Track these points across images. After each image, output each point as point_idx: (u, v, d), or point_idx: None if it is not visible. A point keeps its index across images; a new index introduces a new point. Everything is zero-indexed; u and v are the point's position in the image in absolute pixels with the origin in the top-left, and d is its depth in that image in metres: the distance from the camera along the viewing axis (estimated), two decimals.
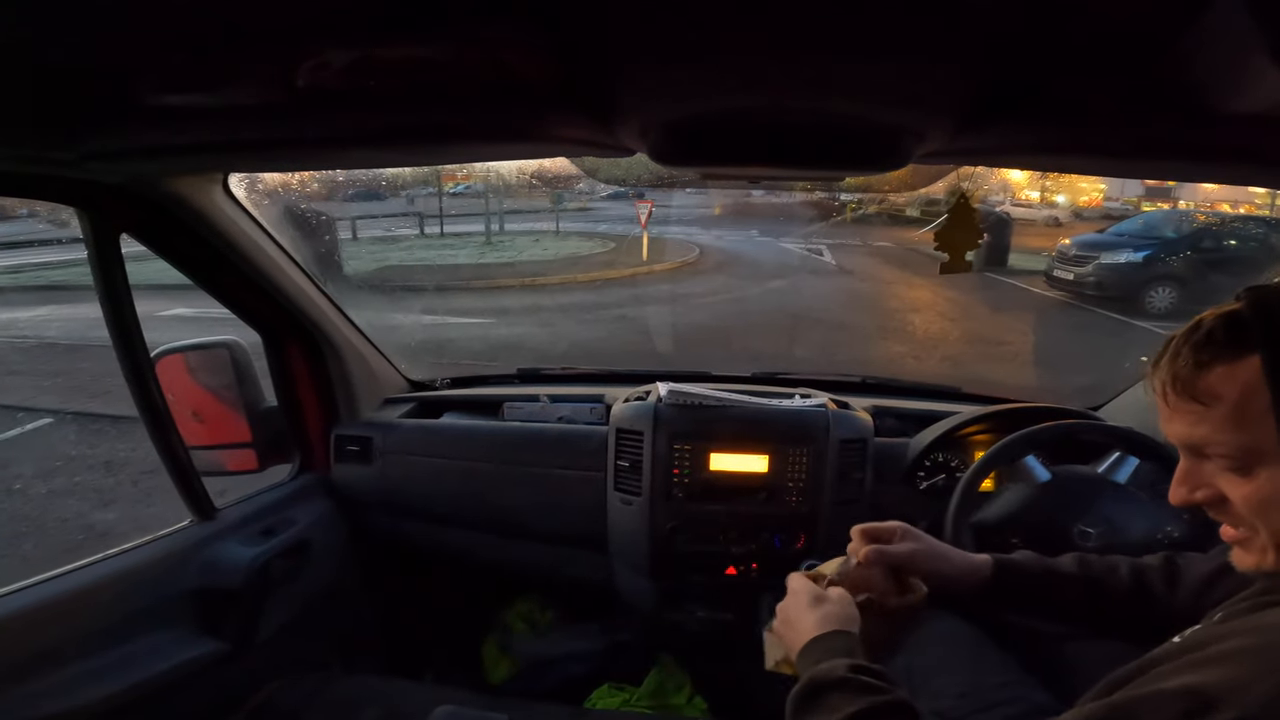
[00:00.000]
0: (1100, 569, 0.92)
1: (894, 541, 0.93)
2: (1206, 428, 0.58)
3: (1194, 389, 0.58)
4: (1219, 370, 0.57)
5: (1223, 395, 0.56)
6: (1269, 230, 8.54)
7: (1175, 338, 0.61)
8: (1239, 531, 0.61)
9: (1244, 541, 0.61)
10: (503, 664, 1.80)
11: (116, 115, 0.70)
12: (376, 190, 13.75)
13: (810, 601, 0.84)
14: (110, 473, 3.93)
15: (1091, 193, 17.47)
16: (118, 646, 1.07)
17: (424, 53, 0.54)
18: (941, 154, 0.79)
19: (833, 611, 0.81)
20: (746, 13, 0.46)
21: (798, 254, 11.52)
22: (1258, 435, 0.55)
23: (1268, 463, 0.55)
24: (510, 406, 1.74)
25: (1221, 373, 0.56)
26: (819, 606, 0.83)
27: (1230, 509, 0.60)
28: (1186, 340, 0.59)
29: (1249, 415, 0.55)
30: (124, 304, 1.11)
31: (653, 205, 11.03)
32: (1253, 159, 0.68)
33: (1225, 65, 0.43)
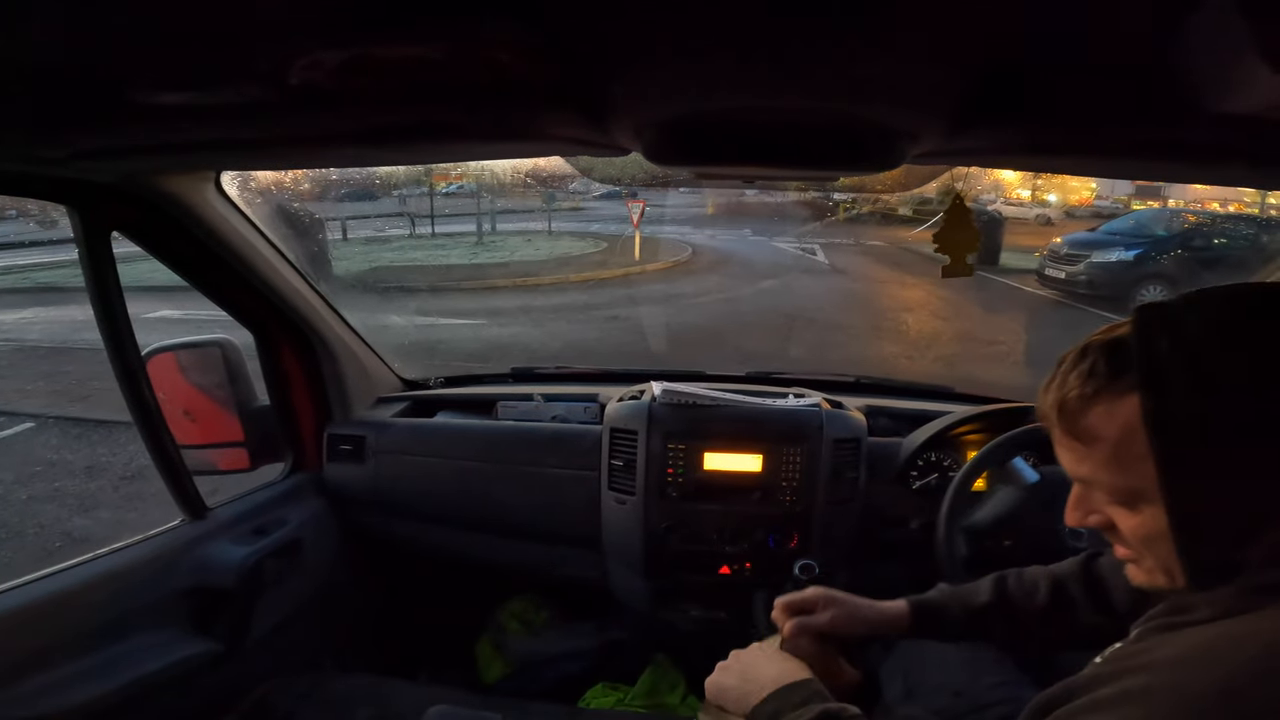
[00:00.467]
0: (1018, 593, 0.92)
1: (816, 612, 0.93)
2: (1088, 466, 0.58)
3: (1075, 427, 0.57)
4: (1099, 409, 0.55)
5: (1103, 436, 0.56)
6: (1259, 229, 8.62)
7: (1064, 362, 0.59)
8: (1130, 553, 0.61)
9: (1135, 561, 0.61)
10: (497, 663, 1.80)
11: (107, 113, 0.69)
12: (369, 190, 13.72)
13: (775, 653, 0.86)
14: (91, 478, 3.91)
15: (1082, 191, 17.59)
16: (109, 646, 1.06)
17: (417, 52, 0.54)
18: (935, 154, 0.79)
19: (798, 666, 0.83)
20: (741, 12, 0.46)
21: (791, 253, 11.55)
22: (1138, 476, 0.54)
23: (1150, 501, 0.54)
24: (504, 406, 1.74)
25: (1101, 411, 0.55)
26: (784, 660, 0.84)
27: (1119, 535, 0.60)
28: (1073, 368, 0.58)
29: (1129, 457, 0.54)
30: (115, 302, 1.10)
31: (645, 205, 11.04)
32: (1243, 159, 0.68)
33: (1216, 65, 0.43)
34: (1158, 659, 0.51)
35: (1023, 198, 16.68)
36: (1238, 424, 0.49)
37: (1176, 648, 0.51)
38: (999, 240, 10.23)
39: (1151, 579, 0.59)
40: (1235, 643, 0.48)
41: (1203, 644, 0.50)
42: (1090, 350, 0.57)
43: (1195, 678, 0.47)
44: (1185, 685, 0.47)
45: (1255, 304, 0.52)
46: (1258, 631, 0.48)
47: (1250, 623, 0.49)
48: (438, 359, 5.44)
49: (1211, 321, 0.51)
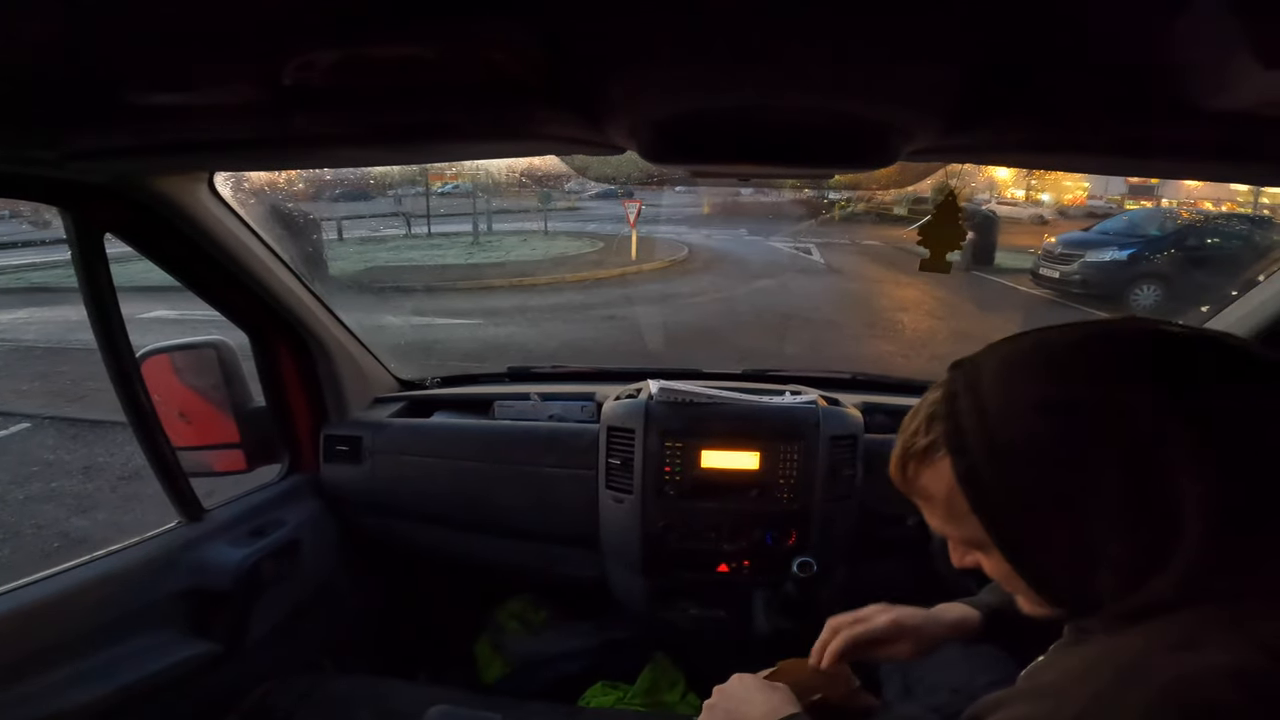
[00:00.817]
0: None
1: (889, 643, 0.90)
2: (936, 521, 0.60)
3: (911, 488, 0.60)
4: (926, 471, 0.57)
5: (934, 495, 0.58)
6: (1252, 227, 8.66)
7: (903, 426, 0.61)
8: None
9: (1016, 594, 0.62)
10: (496, 663, 1.80)
11: (100, 114, 0.69)
12: (363, 190, 13.69)
13: (759, 688, 0.85)
14: (89, 478, 3.90)
15: (1076, 191, 17.66)
16: (107, 649, 1.06)
17: (411, 51, 0.54)
18: (930, 151, 0.79)
19: (786, 698, 0.82)
20: (736, 11, 0.46)
21: (786, 253, 11.56)
22: (972, 529, 0.55)
23: (988, 550, 0.56)
24: (501, 405, 1.73)
25: (928, 474, 0.57)
26: (770, 693, 0.83)
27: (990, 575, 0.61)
28: (905, 430, 0.60)
29: (957, 513, 0.55)
30: (108, 304, 1.10)
31: (641, 204, 11.03)
32: (1237, 156, 0.69)
33: (1210, 63, 0.44)
34: (1041, 683, 0.53)
35: (1017, 197, 16.75)
36: (1031, 481, 0.50)
37: (1056, 671, 0.53)
38: (994, 239, 10.27)
39: (1034, 609, 0.59)
40: (1091, 668, 0.48)
41: (1071, 670, 0.51)
42: (919, 411, 0.59)
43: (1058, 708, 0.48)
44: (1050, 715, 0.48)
45: (1035, 360, 0.52)
46: (1113, 656, 0.48)
47: (1115, 643, 0.49)
48: (434, 359, 5.44)
49: (997, 380, 0.52)
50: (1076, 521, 0.48)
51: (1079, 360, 0.50)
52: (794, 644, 1.57)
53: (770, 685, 0.85)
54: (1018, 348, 0.54)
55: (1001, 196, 16.38)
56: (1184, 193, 14.31)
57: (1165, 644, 0.45)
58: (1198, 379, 0.48)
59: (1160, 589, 0.47)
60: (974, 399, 0.53)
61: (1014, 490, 0.51)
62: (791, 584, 1.36)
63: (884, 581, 1.54)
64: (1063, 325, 0.54)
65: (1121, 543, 0.47)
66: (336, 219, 11.68)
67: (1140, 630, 0.48)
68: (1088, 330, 0.52)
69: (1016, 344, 0.54)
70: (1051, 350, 0.52)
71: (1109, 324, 0.53)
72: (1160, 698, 0.43)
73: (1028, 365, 0.52)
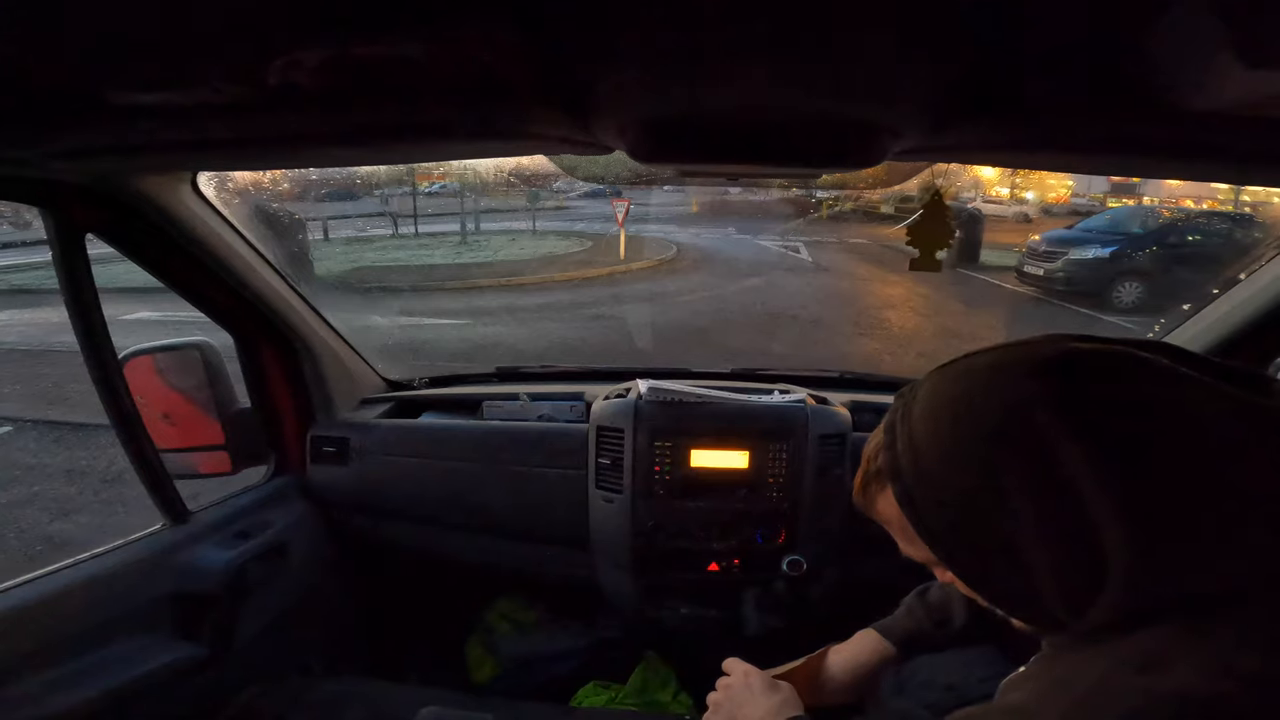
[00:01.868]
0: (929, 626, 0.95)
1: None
2: (897, 541, 0.62)
3: (870, 510, 0.64)
4: (881, 496, 0.60)
5: (888, 518, 0.61)
6: (1232, 225, 8.78)
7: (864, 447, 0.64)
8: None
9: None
10: (487, 664, 1.79)
11: (81, 114, 0.68)
12: (350, 189, 13.60)
13: (764, 688, 0.85)
14: (71, 482, 3.86)
15: (1059, 189, 17.83)
16: (91, 653, 1.05)
17: (398, 51, 0.54)
18: (916, 151, 0.80)
19: (788, 699, 0.83)
20: (724, 12, 0.47)
21: (775, 251, 11.60)
22: (923, 551, 0.57)
23: (942, 568, 0.57)
24: (490, 405, 1.73)
25: (881, 499, 0.61)
26: (773, 693, 0.84)
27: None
28: (864, 454, 0.63)
29: (909, 535, 0.57)
30: (90, 305, 1.08)
31: (630, 203, 11.05)
32: (1218, 155, 0.70)
33: (1191, 64, 0.44)
34: (1010, 703, 0.54)
35: (1001, 195, 16.88)
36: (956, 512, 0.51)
37: (1025, 691, 0.53)
38: (979, 238, 10.36)
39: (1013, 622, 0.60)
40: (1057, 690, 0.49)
41: (1039, 690, 0.51)
42: (875, 437, 0.61)
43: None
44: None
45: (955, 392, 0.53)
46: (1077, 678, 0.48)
47: (1078, 665, 0.49)
48: (422, 359, 5.42)
49: (923, 413, 0.54)
50: (1006, 548, 0.49)
51: (992, 390, 0.50)
52: (785, 642, 1.58)
53: (775, 684, 0.85)
54: (944, 377, 0.55)
55: (987, 195, 16.51)
56: (1165, 191, 14.49)
57: (1129, 667, 0.45)
58: (1089, 393, 0.47)
59: (1110, 605, 0.46)
60: (907, 429, 0.55)
61: (945, 519, 0.52)
62: (782, 582, 1.37)
63: (873, 579, 1.55)
64: (986, 349, 0.55)
65: (1051, 564, 0.48)
66: (322, 219, 11.60)
67: (1106, 649, 0.47)
68: (1002, 356, 0.52)
69: (944, 373, 0.55)
70: (970, 381, 0.53)
71: (1022, 348, 0.53)
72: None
73: (948, 399, 0.53)
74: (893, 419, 0.57)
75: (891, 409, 0.58)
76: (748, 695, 0.85)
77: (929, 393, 0.55)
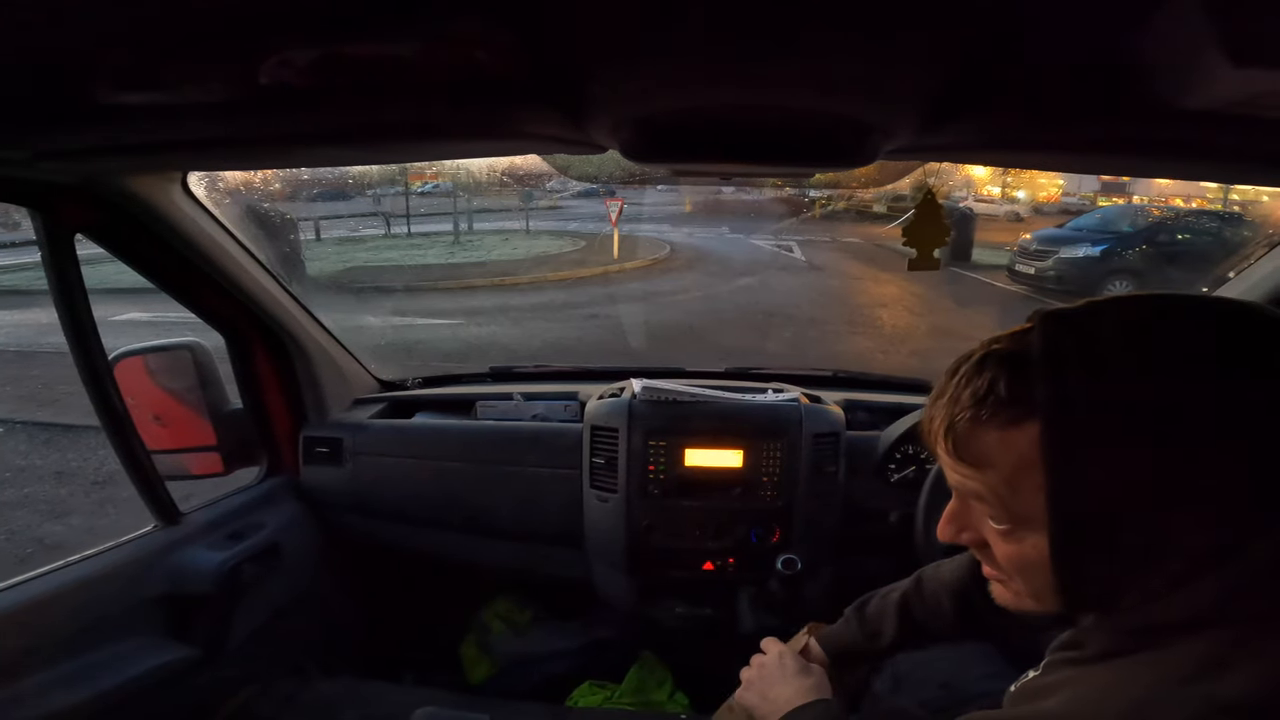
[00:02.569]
0: (925, 618, 0.91)
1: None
2: (976, 486, 0.53)
3: (965, 451, 0.52)
4: (993, 435, 0.50)
5: (995, 462, 0.51)
6: (1221, 224, 8.84)
7: (956, 374, 0.53)
8: (997, 574, 0.58)
9: (1002, 583, 0.58)
10: (482, 664, 1.79)
11: (71, 114, 0.67)
12: (342, 189, 13.52)
13: (796, 669, 0.84)
14: (61, 483, 3.84)
15: (1050, 188, 17.90)
16: (84, 654, 1.05)
17: (391, 50, 0.54)
18: (908, 150, 0.80)
19: (820, 682, 0.82)
20: (717, 11, 0.47)
21: (768, 250, 11.61)
22: (1026, 505, 0.50)
23: (1034, 530, 0.50)
24: (483, 405, 1.73)
25: (996, 437, 0.50)
26: (806, 675, 0.83)
27: (991, 555, 0.56)
28: (966, 386, 0.52)
29: (1021, 487, 0.50)
30: (80, 306, 1.08)
31: (623, 203, 11.02)
32: (1207, 155, 0.70)
33: (1181, 62, 0.45)
34: (1042, 710, 0.50)
35: (993, 194, 16.93)
36: (1131, 466, 0.45)
37: (1058, 699, 0.50)
38: (971, 236, 10.39)
39: (1018, 602, 0.57)
40: (1106, 695, 0.47)
41: (1080, 696, 0.49)
42: (988, 365, 0.51)
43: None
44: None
45: (1161, 316, 0.48)
46: (1126, 686, 0.46)
47: (1123, 671, 0.47)
48: (415, 359, 5.39)
49: (1124, 351, 0.46)
50: (1165, 512, 0.45)
51: (1200, 345, 0.46)
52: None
53: (808, 667, 0.85)
54: (1140, 318, 0.48)
55: (978, 194, 16.56)
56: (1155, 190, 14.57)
57: (1178, 675, 0.43)
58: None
59: (1196, 599, 0.45)
60: (1091, 367, 0.46)
61: (1109, 473, 0.45)
62: (776, 581, 1.37)
63: (867, 578, 1.56)
64: (1175, 296, 0.49)
65: (1195, 536, 0.45)
66: (314, 219, 11.53)
67: (1155, 654, 0.46)
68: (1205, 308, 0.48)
69: (1136, 312, 0.48)
70: (1174, 330, 0.47)
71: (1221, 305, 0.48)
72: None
73: (1155, 343, 0.46)
74: (1055, 350, 0.47)
75: (1043, 338, 0.48)
76: (780, 674, 0.85)
77: (1127, 335, 0.47)
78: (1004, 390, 0.49)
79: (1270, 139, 0.60)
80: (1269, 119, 0.53)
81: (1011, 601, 0.58)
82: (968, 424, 0.51)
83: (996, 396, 0.50)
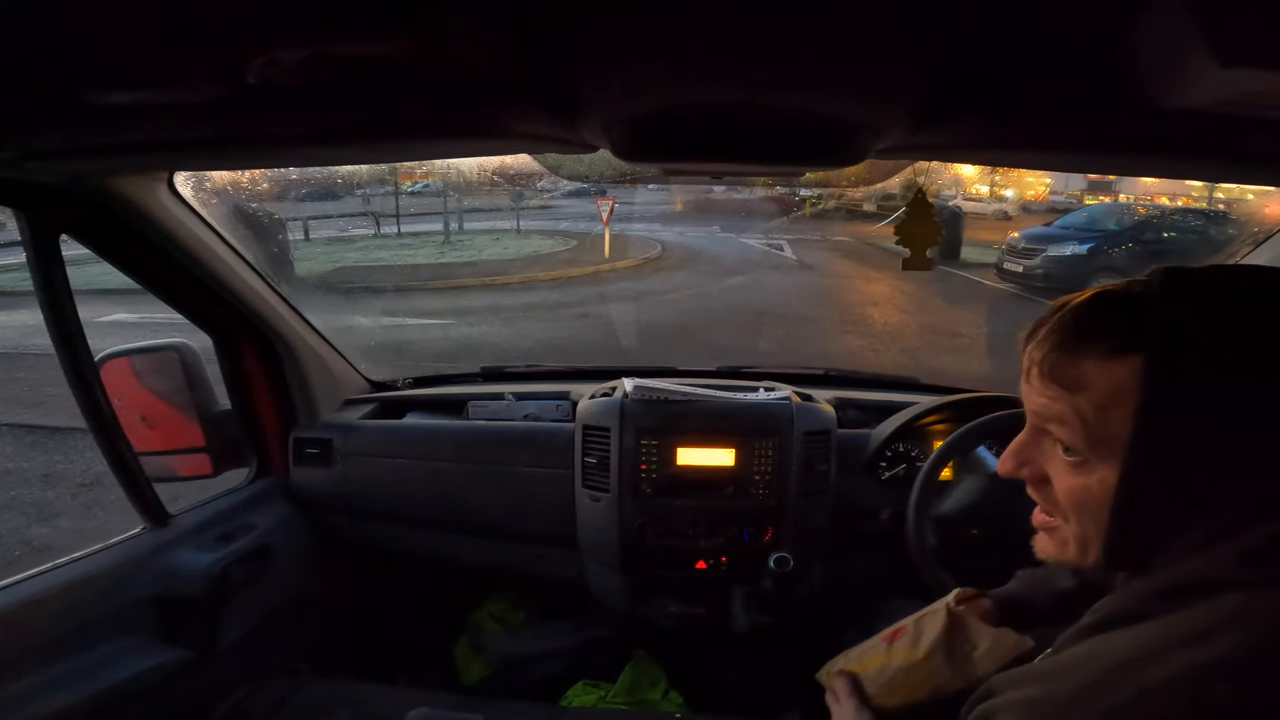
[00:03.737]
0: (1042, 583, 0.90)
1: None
2: (1063, 408, 0.54)
3: (1063, 373, 0.53)
4: (1093, 360, 0.52)
5: (1091, 386, 0.52)
6: (1206, 222, 8.93)
7: (1064, 309, 0.55)
8: (1050, 518, 0.59)
9: (1051, 530, 0.59)
10: (476, 665, 1.78)
11: (55, 113, 0.67)
12: (331, 189, 13.43)
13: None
14: (48, 486, 3.81)
15: (1038, 187, 18.02)
16: (73, 657, 1.04)
17: (380, 49, 0.53)
18: (898, 149, 0.81)
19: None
20: (707, 10, 0.47)
21: (759, 249, 11.63)
22: (1111, 434, 0.51)
23: (1106, 461, 0.52)
24: (475, 405, 1.72)
25: (1095, 363, 0.52)
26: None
27: (1050, 494, 0.57)
28: (1075, 318, 0.54)
29: (1110, 414, 0.51)
30: (65, 307, 1.07)
31: (614, 202, 11.03)
32: (1194, 153, 0.71)
33: (1167, 62, 0.45)
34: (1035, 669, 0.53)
35: (981, 193, 17.03)
36: (1242, 407, 0.47)
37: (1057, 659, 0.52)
38: (960, 235, 10.44)
39: (1061, 552, 0.58)
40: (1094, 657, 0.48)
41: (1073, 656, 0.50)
42: (1098, 302, 0.54)
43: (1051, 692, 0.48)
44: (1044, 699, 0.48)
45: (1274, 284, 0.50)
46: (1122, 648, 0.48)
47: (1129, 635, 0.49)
48: (406, 360, 5.37)
49: (1244, 304, 0.49)
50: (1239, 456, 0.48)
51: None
52: (773, 639, 1.58)
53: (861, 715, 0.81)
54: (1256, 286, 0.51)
55: (967, 192, 16.65)
56: (1141, 188, 14.69)
57: (1179, 637, 0.45)
58: None
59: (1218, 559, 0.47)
60: (1201, 305, 0.49)
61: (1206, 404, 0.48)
62: (769, 580, 1.37)
63: (860, 576, 1.57)
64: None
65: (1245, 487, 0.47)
66: (302, 219, 11.45)
67: (1161, 621, 0.47)
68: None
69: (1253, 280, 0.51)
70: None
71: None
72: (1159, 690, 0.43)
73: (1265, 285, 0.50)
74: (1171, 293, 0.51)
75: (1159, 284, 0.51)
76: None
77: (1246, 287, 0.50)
78: (1115, 323, 0.52)
79: (1255, 138, 0.61)
80: (1254, 118, 0.54)
81: (1054, 552, 0.59)
82: (1069, 349, 0.53)
83: (1106, 327, 0.52)
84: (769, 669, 1.65)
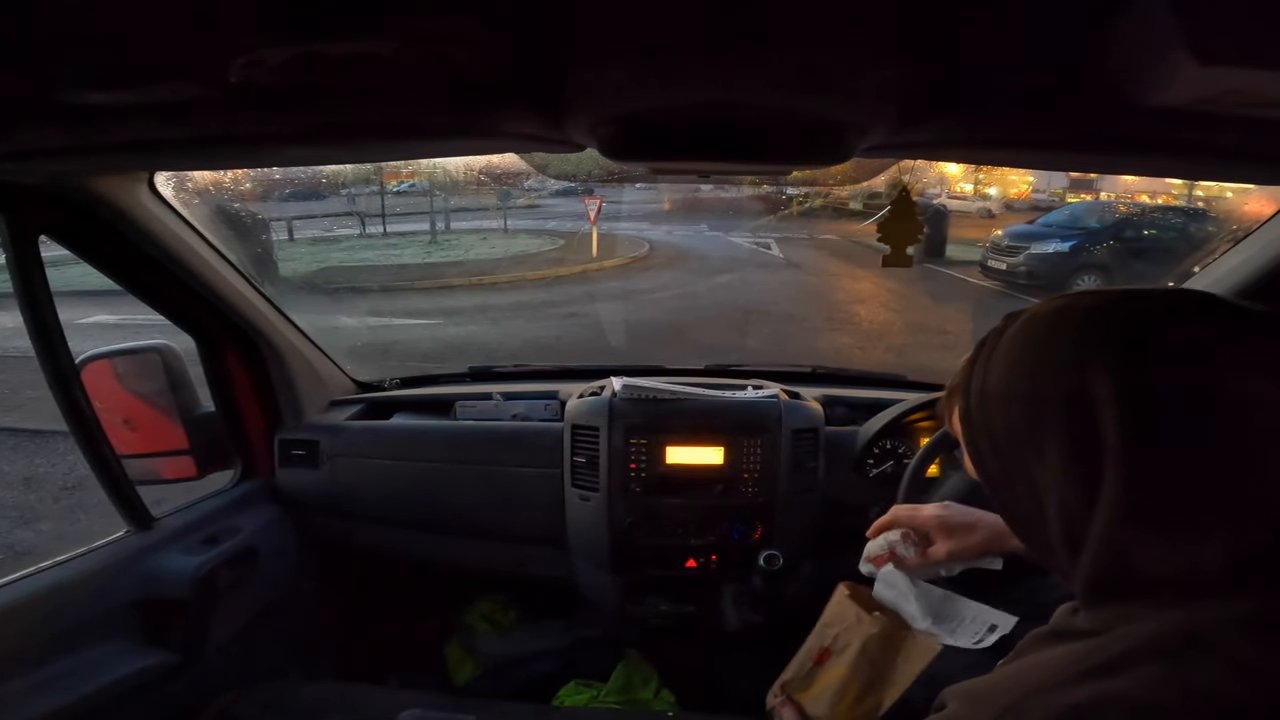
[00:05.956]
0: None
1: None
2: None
3: (947, 422, 0.62)
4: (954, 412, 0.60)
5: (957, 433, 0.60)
6: (1186, 219, 9.06)
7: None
8: None
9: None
10: (467, 665, 1.78)
11: (34, 113, 0.65)
12: (315, 189, 13.33)
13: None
14: (30, 489, 3.77)
15: (1021, 185, 18.19)
16: (57, 661, 1.03)
17: (365, 48, 0.53)
18: (883, 147, 0.81)
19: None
20: (695, 9, 0.47)
21: (746, 248, 11.66)
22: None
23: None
24: (463, 405, 1.71)
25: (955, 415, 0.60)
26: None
27: None
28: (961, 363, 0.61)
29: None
30: (45, 309, 1.05)
31: (602, 201, 11.02)
32: (1174, 151, 0.72)
33: (1147, 61, 0.46)
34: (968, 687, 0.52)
35: (966, 191, 17.19)
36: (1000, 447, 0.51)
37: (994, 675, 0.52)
38: (944, 233, 10.53)
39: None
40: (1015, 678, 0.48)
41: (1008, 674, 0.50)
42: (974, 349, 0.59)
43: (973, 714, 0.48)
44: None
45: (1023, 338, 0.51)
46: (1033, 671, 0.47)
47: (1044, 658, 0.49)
48: (393, 360, 5.34)
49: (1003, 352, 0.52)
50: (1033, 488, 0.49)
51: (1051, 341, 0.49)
52: (763, 638, 1.59)
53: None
54: (1040, 312, 0.52)
55: (951, 191, 16.80)
56: (1121, 186, 14.86)
57: (1082, 668, 0.43)
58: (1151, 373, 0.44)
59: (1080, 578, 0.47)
60: (988, 355, 0.54)
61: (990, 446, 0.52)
62: (759, 578, 1.38)
63: (849, 573, 1.57)
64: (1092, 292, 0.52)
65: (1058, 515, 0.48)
66: (287, 219, 11.35)
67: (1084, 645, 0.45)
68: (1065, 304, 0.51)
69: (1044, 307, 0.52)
70: (1034, 330, 0.51)
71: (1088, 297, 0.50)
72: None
73: (1015, 342, 0.52)
74: (987, 339, 0.56)
75: (994, 328, 0.56)
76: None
77: (1022, 325, 0.52)
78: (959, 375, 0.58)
79: (1234, 136, 0.62)
80: (1233, 116, 0.54)
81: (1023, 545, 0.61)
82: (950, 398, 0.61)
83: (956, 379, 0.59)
84: (760, 667, 1.66)
